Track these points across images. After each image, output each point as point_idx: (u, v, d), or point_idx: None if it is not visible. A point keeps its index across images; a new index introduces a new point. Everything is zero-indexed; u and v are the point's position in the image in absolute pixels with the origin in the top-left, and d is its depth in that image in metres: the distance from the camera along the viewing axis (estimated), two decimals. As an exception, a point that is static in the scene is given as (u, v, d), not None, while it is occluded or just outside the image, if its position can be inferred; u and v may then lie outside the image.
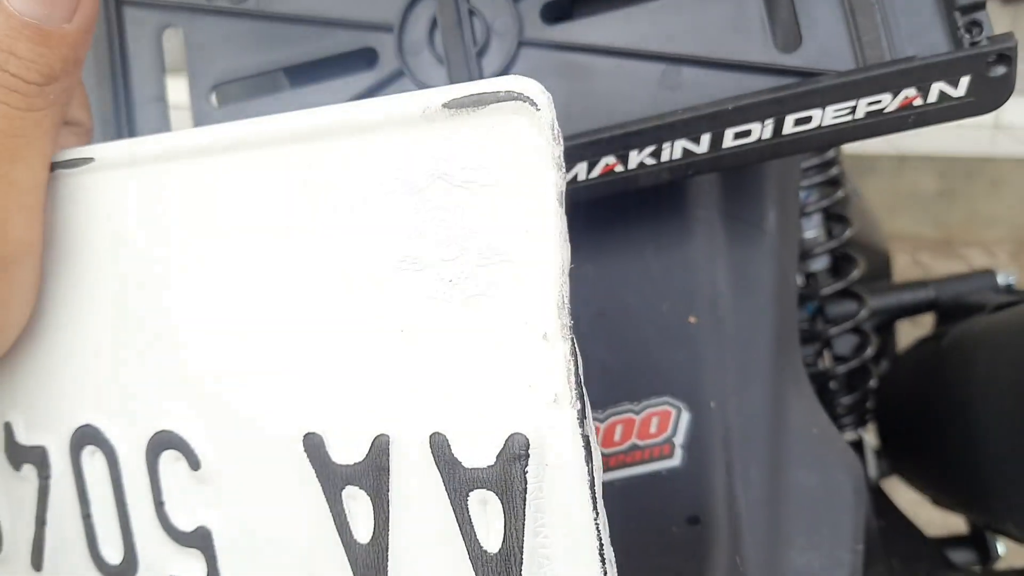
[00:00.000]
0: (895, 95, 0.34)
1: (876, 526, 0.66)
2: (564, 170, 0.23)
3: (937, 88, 0.34)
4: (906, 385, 0.74)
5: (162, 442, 0.29)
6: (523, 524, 0.23)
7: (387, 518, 0.25)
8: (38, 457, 0.31)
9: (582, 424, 0.23)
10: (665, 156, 0.36)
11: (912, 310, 0.80)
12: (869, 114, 0.34)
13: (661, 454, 0.38)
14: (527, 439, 0.23)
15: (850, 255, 0.71)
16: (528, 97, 0.23)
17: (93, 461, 0.30)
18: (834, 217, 0.73)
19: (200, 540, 0.28)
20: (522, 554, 0.23)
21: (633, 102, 0.37)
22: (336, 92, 0.40)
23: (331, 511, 0.26)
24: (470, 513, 0.24)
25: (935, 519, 0.76)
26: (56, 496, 0.31)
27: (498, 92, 0.23)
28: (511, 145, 0.23)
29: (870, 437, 0.79)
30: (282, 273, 0.26)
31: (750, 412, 0.41)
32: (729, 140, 0.35)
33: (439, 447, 0.24)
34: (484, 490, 0.24)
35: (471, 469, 0.24)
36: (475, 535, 0.24)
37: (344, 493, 0.26)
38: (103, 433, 0.30)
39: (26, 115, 0.26)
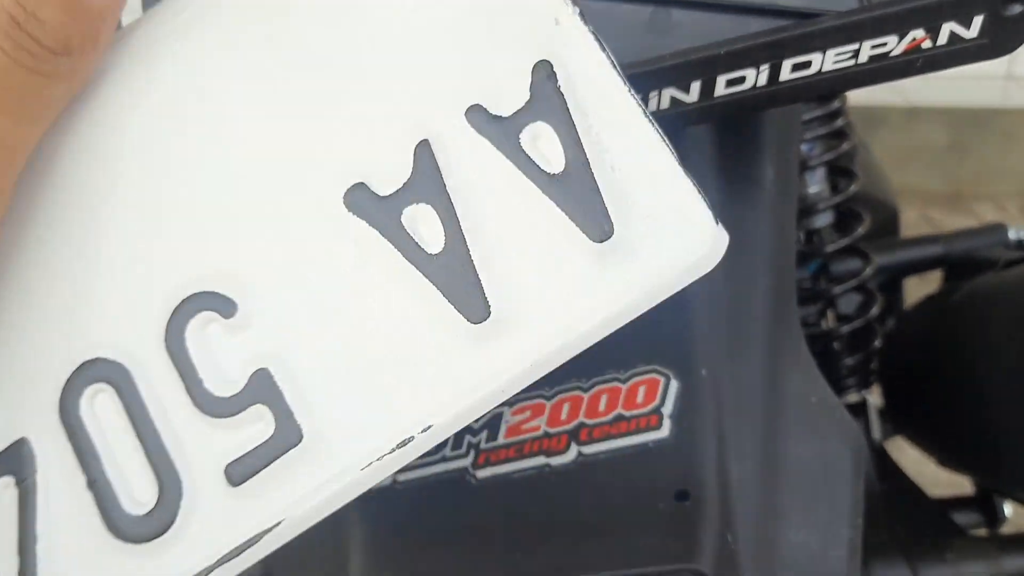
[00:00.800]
0: (901, 37, 0.31)
1: (879, 490, 0.65)
2: None
3: (947, 29, 0.31)
4: (913, 344, 0.73)
5: (187, 313, 0.27)
6: (575, 132, 0.25)
7: (451, 210, 0.25)
8: (15, 460, 0.28)
9: (585, 21, 0.25)
10: (652, 106, 0.33)
11: (920, 267, 0.79)
12: (873, 58, 0.32)
13: (648, 425, 0.36)
14: (548, 61, 0.25)
15: (855, 210, 0.69)
16: None
17: (95, 405, 0.27)
18: (839, 171, 0.70)
19: (258, 390, 0.26)
20: (586, 156, 0.25)
21: (618, 47, 0.34)
22: None
23: (396, 246, 0.26)
24: (526, 151, 0.25)
25: (940, 477, 0.75)
26: (46, 488, 0.28)
27: None
28: None
29: (874, 398, 0.77)
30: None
31: (744, 380, 0.39)
32: (721, 88, 0.33)
33: (477, 116, 0.25)
34: (530, 125, 0.25)
35: (512, 115, 0.25)
36: (537, 166, 0.25)
37: (403, 218, 0.26)
38: (107, 358, 0.27)
39: (30, 75, 0.26)
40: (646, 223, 0.25)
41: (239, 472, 0.26)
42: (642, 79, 0.32)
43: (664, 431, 0.36)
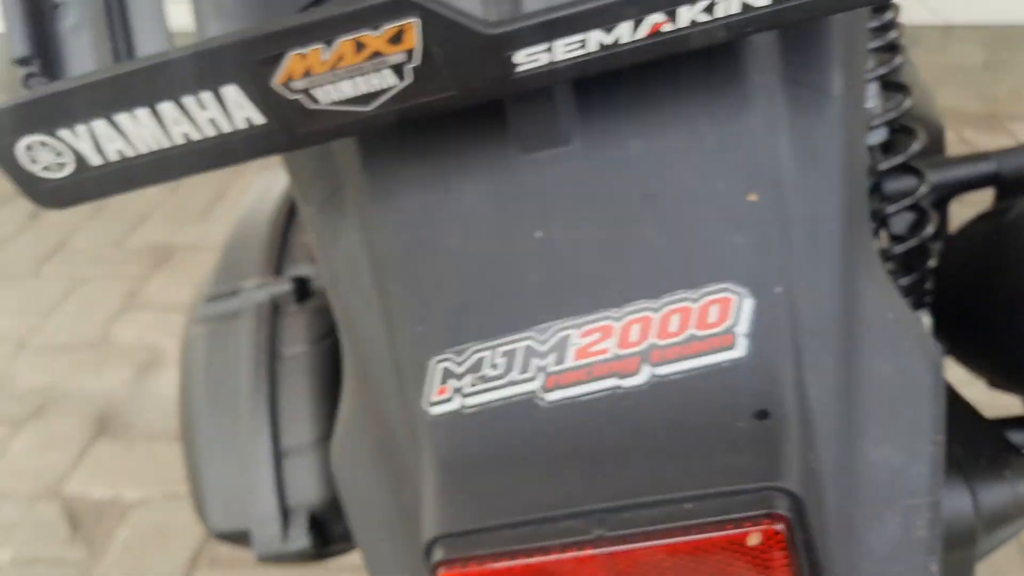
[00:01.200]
0: None
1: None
2: None
3: None
4: (965, 263, 0.71)
5: None
6: None
7: None
8: None
9: None
10: (720, 11, 0.31)
11: (973, 184, 0.76)
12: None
13: (722, 345, 0.35)
14: None
15: (909, 127, 0.66)
16: None
17: None
18: (892, 86, 0.68)
19: None
20: None
21: None
22: None
23: None
24: None
25: (984, 399, 0.74)
26: None
27: None
28: None
29: (926, 319, 0.76)
30: None
31: (820, 297, 0.37)
32: (796, -11, 0.31)
33: None
34: None
35: None
36: None
37: None
38: None
39: None
40: None
41: None
42: None
43: (739, 350, 0.35)
